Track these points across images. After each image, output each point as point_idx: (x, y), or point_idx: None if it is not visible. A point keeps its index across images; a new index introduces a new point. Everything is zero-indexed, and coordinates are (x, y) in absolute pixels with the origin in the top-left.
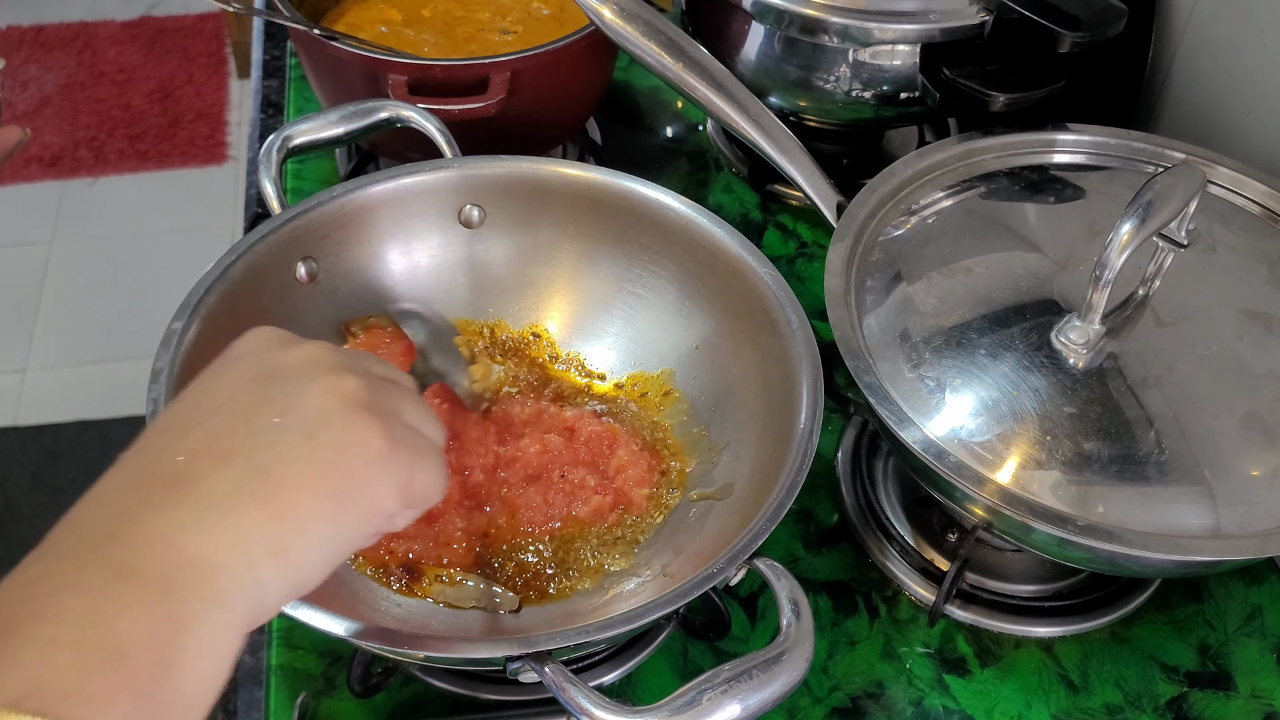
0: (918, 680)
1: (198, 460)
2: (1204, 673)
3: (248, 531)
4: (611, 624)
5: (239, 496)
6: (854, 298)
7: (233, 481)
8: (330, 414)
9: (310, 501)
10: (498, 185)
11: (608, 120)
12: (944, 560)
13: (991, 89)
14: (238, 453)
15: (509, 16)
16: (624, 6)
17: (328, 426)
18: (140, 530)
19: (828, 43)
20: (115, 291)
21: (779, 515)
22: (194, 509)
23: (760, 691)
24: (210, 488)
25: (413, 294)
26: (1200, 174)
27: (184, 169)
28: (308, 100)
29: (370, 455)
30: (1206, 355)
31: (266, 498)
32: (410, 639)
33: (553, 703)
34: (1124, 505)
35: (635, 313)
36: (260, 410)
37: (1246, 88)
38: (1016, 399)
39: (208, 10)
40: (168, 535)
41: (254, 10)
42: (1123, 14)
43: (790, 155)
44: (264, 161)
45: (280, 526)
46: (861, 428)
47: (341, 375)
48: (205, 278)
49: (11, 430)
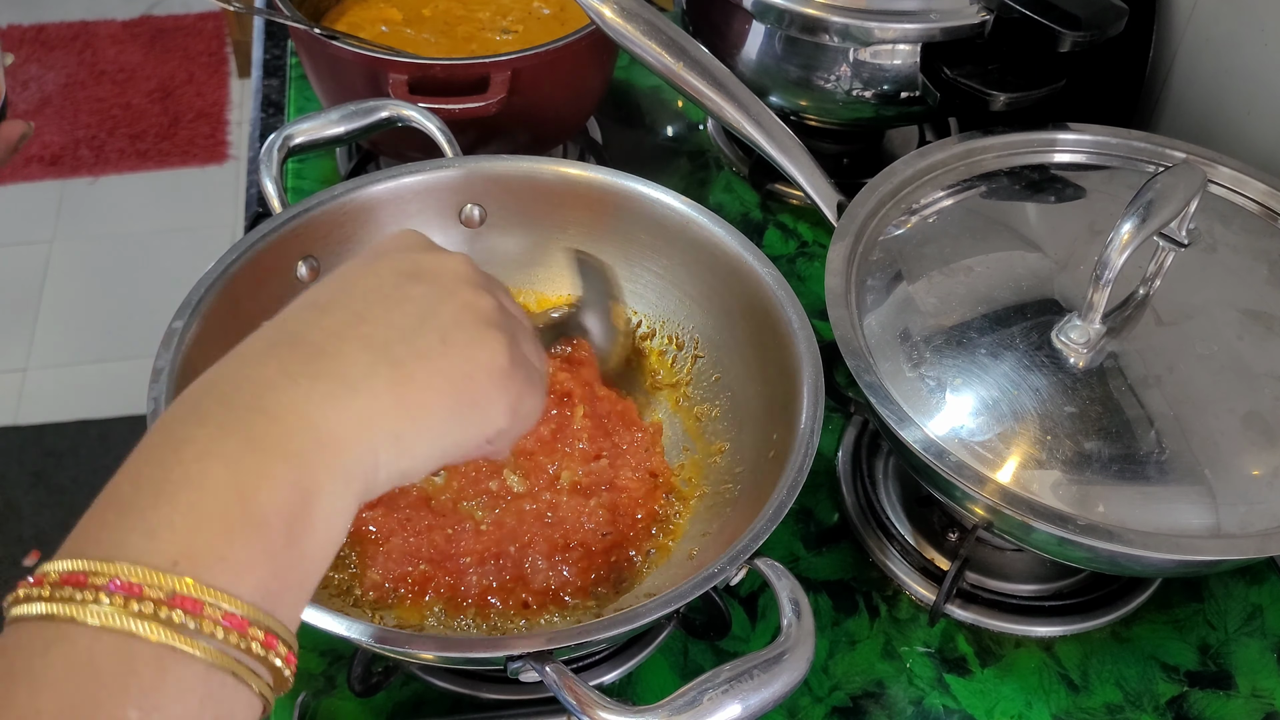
0: (918, 680)
1: (338, 339)
2: (1204, 672)
3: (375, 414)
4: (612, 624)
5: (372, 380)
6: (854, 297)
7: (368, 365)
8: (465, 325)
9: (434, 399)
10: (498, 184)
11: (608, 120)
12: (944, 560)
13: (992, 88)
14: (376, 339)
15: (509, 16)
16: (624, 6)
17: (461, 335)
18: (280, 400)
19: (828, 42)
20: (115, 291)
21: (780, 515)
22: (330, 384)
23: (761, 691)
24: (347, 367)
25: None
26: (1201, 173)
27: (184, 168)
28: (308, 99)
29: (493, 370)
30: (1207, 355)
31: (396, 386)
32: (411, 639)
33: (553, 702)
34: (1124, 505)
35: (634, 311)
36: (402, 306)
37: (1247, 87)
38: (1017, 398)
39: (208, 9)
40: (305, 408)
41: (255, 9)
42: (1123, 13)
43: (791, 154)
44: (265, 161)
45: (403, 415)
46: (862, 427)
47: (478, 293)
48: (206, 277)
49: (12, 430)
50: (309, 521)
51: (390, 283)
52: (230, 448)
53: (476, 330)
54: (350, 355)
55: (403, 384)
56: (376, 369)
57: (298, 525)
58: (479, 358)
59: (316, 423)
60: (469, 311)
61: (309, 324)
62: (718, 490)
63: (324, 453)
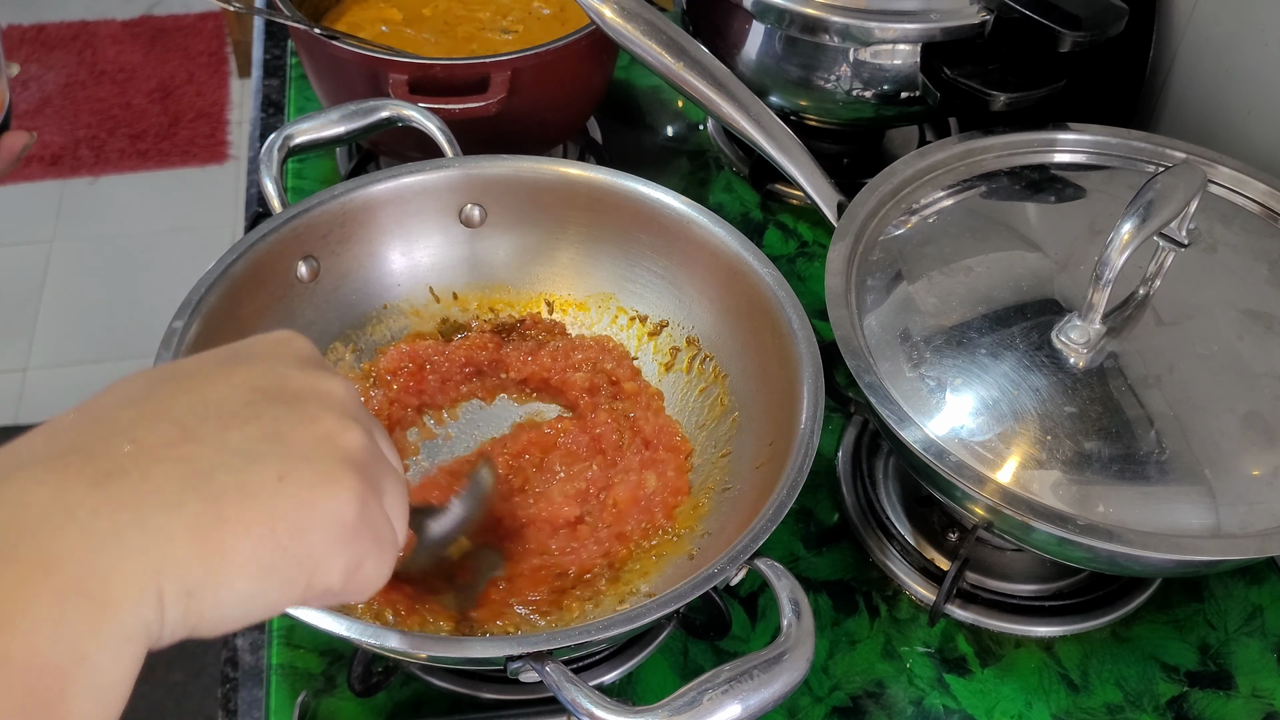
0: (918, 680)
1: (148, 458)
2: (1204, 672)
3: (167, 561)
4: (612, 624)
5: (172, 516)
6: (854, 297)
7: (175, 495)
8: (315, 460)
9: (248, 552)
10: (498, 184)
11: (608, 119)
12: (944, 560)
13: (992, 88)
14: (198, 464)
15: (509, 16)
16: (625, 6)
17: (305, 473)
18: (51, 541)
19: (828, 42)
20: (115, 291)
21: (780, 515)
22: (115, 521)
23: (761, 691)
24: (146, 496)
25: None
26: (1201, 173)
27: (184, 168)
28: (308, 99)
29: (332, 524)
30: (1207, 355)
31: (204, 529)
32: (411, 639)
33: (553, 702)
34: (1125, 505)
35: (635, 311)
36: (244, 427)
37: (1247, 87)
38: (1017, 398)
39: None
40: (79, 554)
41: (255, 9)
42: (1123, 13)
43: (791, 154)
44: (265, 161)
45: (203, 568)
46: (862, 427)
47: (348, 425)
48: (206, 277)
49: (12, 429)
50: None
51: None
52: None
53: (328, 466)
54: (156, 482)
55: (210, 527)
56: (185, 502)
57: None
58: (321, 505)
59: (88, 574)
60: (326, 445)
61: (118, 431)
62: (718, 490)
63: (93, 614)
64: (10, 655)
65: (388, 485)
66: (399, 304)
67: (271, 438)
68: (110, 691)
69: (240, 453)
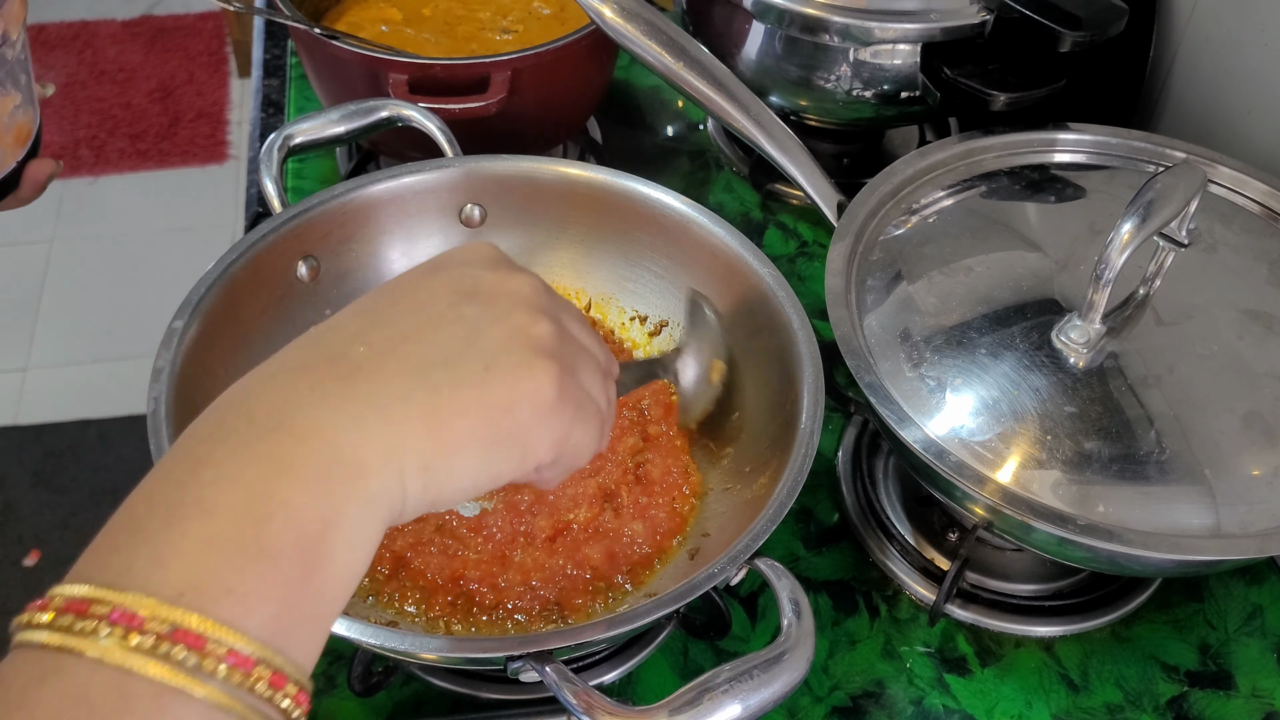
0: (918, 679)
1: (379, 357)
2: (1204, 672)
3: (404, 441)
4: (612, 624)
5: (405, 404)
6: (854, 297)
7: (404, 388)
8: (512, 352)
9: (469, 430)
10: (499, 184)
11: (608, 119)
12: (944, 559)
13: (992, 88)
14: (416, 361)
15: (509, 16)
16: (625, 6)
17: (506, 362)
18: (307, 419)
19: (828, 42)
20: (115, 291)
21: (780, 515)
22: (361, 406)
23: (761, 691)
24: (381, 388)
25: None
26: (1201, 173)
27: (185, 168)
28: (308, 99)
29: (537, 402)
30: (1207, 355)
31: (430, 414)
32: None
33: (553, 702)
34: (1125, 505)
35: (635, 311)
36: (450, 326)
37: (1247, 87)
38: (1017, 398)
39: (208, 9)
40: (332, 430)
41: (255, 9)
42: (1124, 13)
43: (791, 154)
44: (265, 160)
45: (435, 445)
46: (862, 427)
47: (536, 318)
48: (206, 276)
49: (12, 429)
50: (327, 552)
51: (444, 300)
52: (247, 470)
53: (524, 358)
54: (387, 376)
55: (437, 412)
56: (412, 394)
57: (314, 556)
58: (523, 387)
59: (341, 446)
60: (520, 337)
61: (352, 338)
62: (718, 490)
63: (347, 479)
64: (288, 501)
65: (581, 363)
66: None
67: (472, 336)
68: (361, 546)
69: (449, 350)
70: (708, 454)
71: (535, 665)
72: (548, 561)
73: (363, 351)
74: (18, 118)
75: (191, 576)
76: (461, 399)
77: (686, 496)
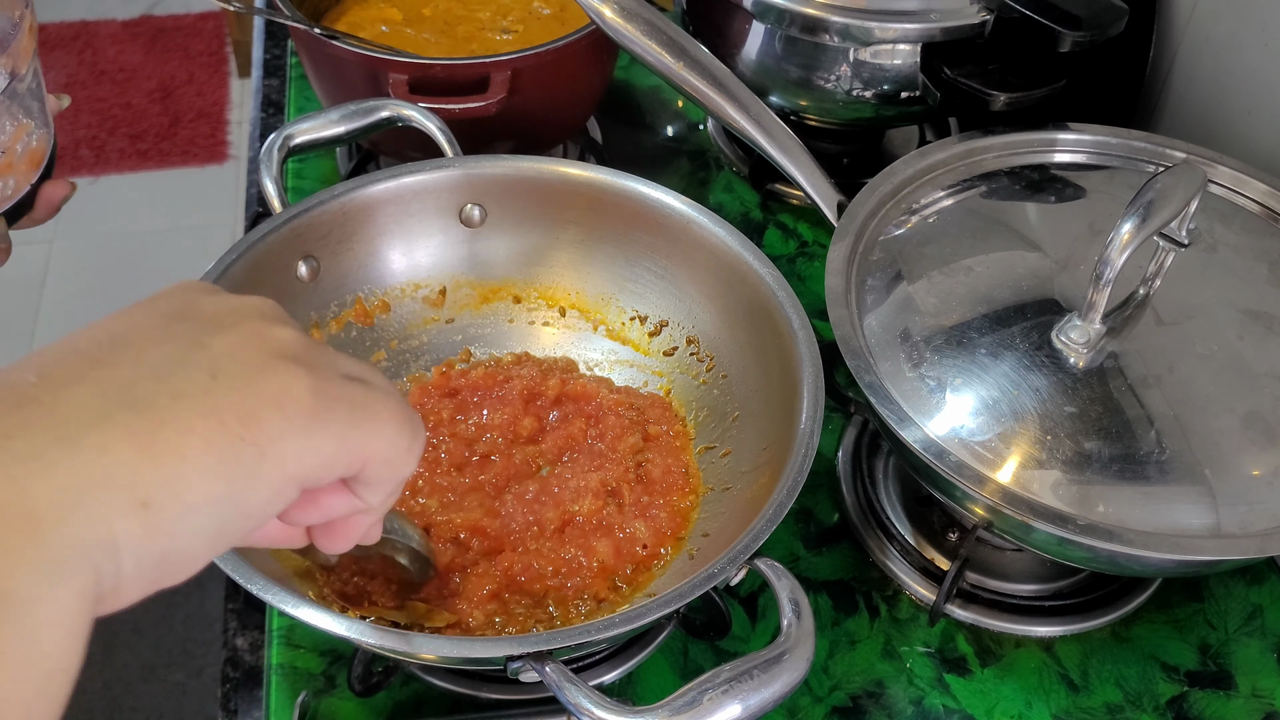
0: (918, 679)
1: (58, 384)
2: (1204, 672)
3: (107, 473)
4: (612, 624)
5: (103, 427)
6: (855, 297)
7: (98, 409)
8: (245, 357)
9: (199, 446)
10: (498, 184)
11: (608, 119)
12: (944, 559)
13: (992, 88)
14: (114, 381)
15: (509, 16)
16: (625, 6)
17: (237, 368)
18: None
19: (828, 42)
20: (115, 291)
21: (780, 515)
22: (37, 440)
23: (761, 691)
24: (66, 414)
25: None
26: (1201, 173)
27: (185, 168)
28: (308, 99)
29: (289, 408)
30: (1207, 355)
31: (140, 434)
32: (411, 639)
33: (553, 702)
34: (1125, 505)
35: (635, 311)
36: (160, 345)
37: (1248, 87)
38: (1017, 398)
39: (208, 9)
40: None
41: (255, 9)
42: (1124, 13)
43: (791, 154)
44: (265, 160)
45: (153, 470)
46: (862, 427)
47: (271, 325)
48: (206, 276)
49: None
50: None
51: (151, 323)
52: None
53: (261, 361)
54: (73, 403)
55: (151, 429)
56: (111, 413)
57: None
58: (264, 390)
59: (6, 496)
60: (252, 342)
61: (23, 369)
62: (718, 490)
63: (16, 538)
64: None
65: (339, 362)
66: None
67: (192, 347)
68: (46, 633)
69: (159, 365)
70: (708, 454)
71: (535, 665)
72: (559, 550)
73: (34, 381)
74: (31, 143)
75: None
76: (184, 411)
77: (687, 496)
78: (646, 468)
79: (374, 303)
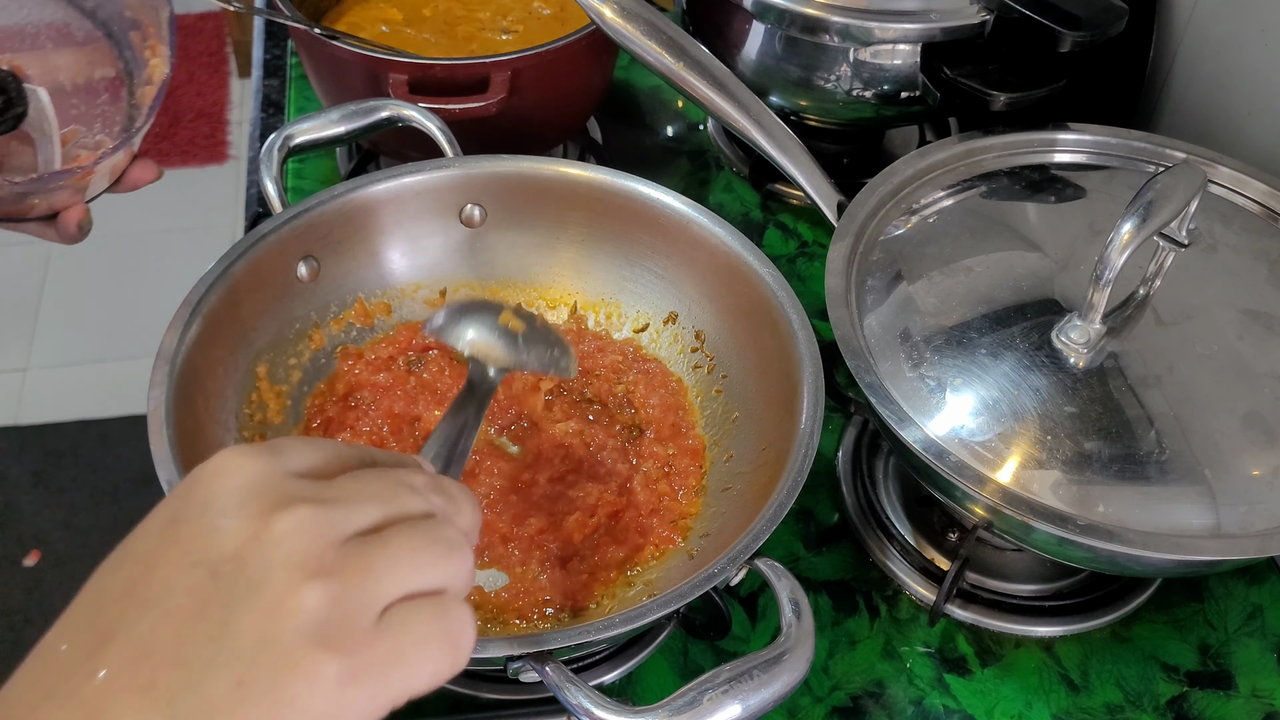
0: (918, 680)
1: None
2: (1204, 672)
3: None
4: (612, 624)
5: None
6: (855, 297)
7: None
8: (270, 647)
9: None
10: (499, 184)
11: (608, 119)
12: (944, 560)
13: (992, 88)
14: (159, 688)
15: (509, 16)
16: (625, 6)
17: (263, 668)
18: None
19: (828, 42)
20: (115, 291)
21: (780, 515)
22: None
23: (761, 691)
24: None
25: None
26: (1201, 173)
27: (185, 168)
28: (308, 99)
29: (315, 703)
30: (1207, 355)
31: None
32: None
33: (553, 702)
34: (1125, 505)
35: (635, 311)
36: (195, 623)
37: (1247, 87)
38: (1017, 398)
39: (208, 9)
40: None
41: (255, 9)
42: (1124, 13)
43: (791, 154)
44: (265, 161)
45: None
46: (862, 427)
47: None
48: (206, 277)
49: (12, 429)
50: None
51: (182, 585)
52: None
53: (285, 655)
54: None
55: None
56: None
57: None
58: (287, 699)
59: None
60: (277, 621)
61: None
62: (718, 490)
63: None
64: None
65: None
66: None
67: (220, 633)
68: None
69: (194, 662)
70: (708, 454)
71: (535, 665)
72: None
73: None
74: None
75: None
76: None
77: (687, 495)
78: (646, 467)
79: (374, 303)
